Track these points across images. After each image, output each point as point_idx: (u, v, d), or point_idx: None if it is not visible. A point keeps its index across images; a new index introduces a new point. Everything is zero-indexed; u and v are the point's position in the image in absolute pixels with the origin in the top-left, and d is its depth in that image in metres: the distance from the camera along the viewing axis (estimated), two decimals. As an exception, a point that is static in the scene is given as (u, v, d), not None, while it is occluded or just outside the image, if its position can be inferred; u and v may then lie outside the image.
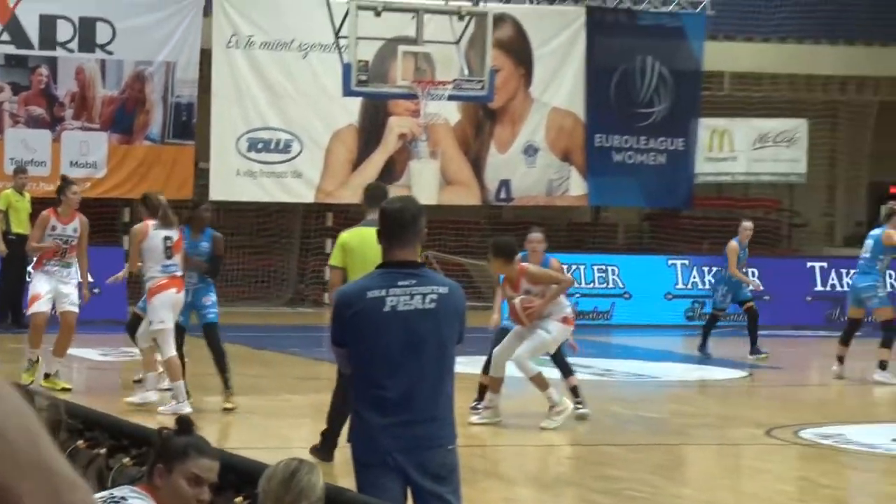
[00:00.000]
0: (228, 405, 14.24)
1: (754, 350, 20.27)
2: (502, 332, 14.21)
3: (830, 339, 19.86)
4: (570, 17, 26.54)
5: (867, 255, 18.38)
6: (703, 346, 20.47)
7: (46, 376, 15.20)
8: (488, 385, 14.08)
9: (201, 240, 14.62)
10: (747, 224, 21.04)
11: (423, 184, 25.62)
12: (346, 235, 12.17)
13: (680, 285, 25.63)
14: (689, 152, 27.09)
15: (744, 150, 27.59)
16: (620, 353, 22.08)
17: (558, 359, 14.54)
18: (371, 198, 12.19)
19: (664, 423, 14.88)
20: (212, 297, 14.53)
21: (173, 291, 13.90)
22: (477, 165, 26.26)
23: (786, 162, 27.76)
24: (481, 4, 22.52)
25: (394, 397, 6.51)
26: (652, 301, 25.31)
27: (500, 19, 24.77)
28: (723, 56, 27.87)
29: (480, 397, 14.20)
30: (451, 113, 25.44)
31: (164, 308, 13.83)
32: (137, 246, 14.23)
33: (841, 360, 18.11)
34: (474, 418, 13.83)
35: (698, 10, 26.87)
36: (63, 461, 2.31)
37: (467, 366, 17.71)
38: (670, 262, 25.90)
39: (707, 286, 25.60)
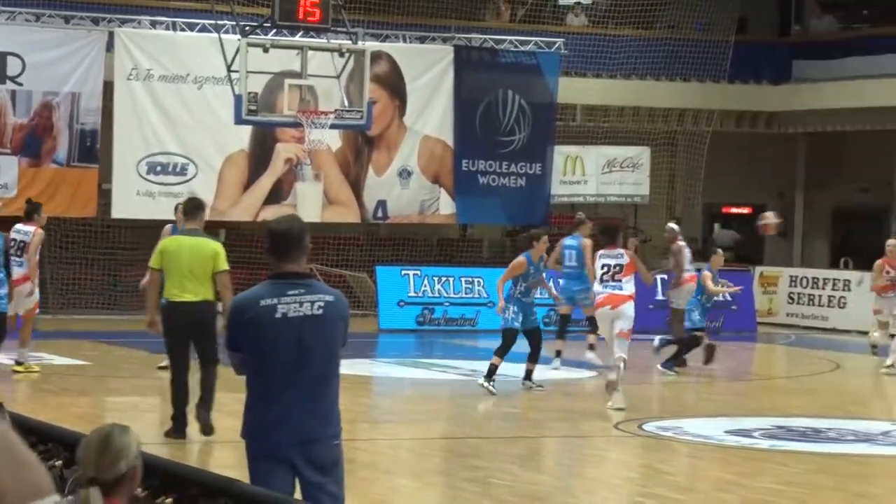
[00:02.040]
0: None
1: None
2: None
3: (669, 343, 20.07)
4: (439, 55, 26.66)
5: (575, 264, 18.84)
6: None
7: None
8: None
9: None
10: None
11: (308, 204, 25.60)
12: (165, 242, 12.76)
13: (538, 295, 25.75)
14: (545, 176, 27.30)
15: (593, 174, 27.87)
16: (485, 356, 22.09)
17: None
18: (187, 211, 12.68)
19: (524, 418, 14.98)
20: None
21: None
22: (356, 187, 26.27)
23: (630, 185, 28.08)
24: (360, 43, 22.53)
25: (284, 396, 6.53)
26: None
27: (376, 56, 24.82)
28: (575, 90, 28.14)
29: None
30: (332, 140, 25.42)
31: None
32: None
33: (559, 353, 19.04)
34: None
35: (553, 49, 27.12)
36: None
37: (349, 367, 17.76)
38: (529, 274, 26.01)
39: (562, 295, 25.75)
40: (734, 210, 33.15)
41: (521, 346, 16.91)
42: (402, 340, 21.14)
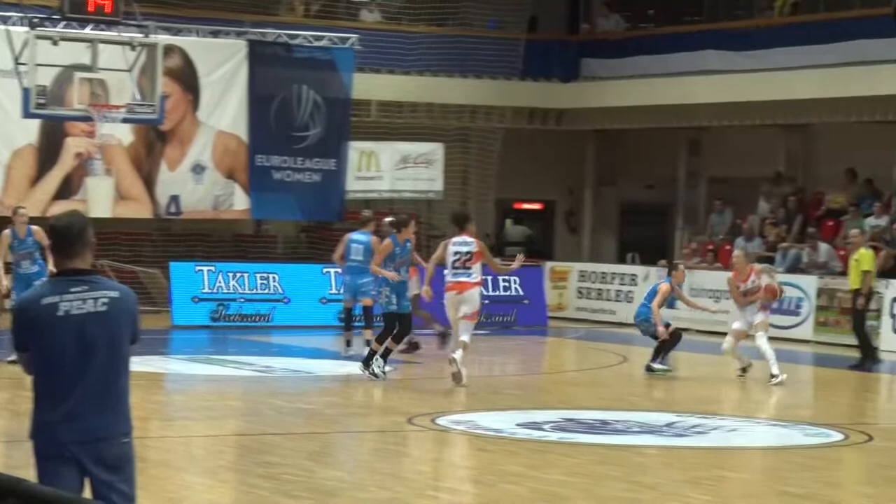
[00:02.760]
0: None
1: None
2: None
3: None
4: (233, 49, 26.48)
5: (361, 258, 19.63)
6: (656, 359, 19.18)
7: None
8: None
9: None
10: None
11: (99, 198, 25.22)
12: None
13: (333, 291, 25.80)
14: (340, 171, 27.33)
15: (388, 170, 27.99)
16: (280, 352, 22.13)
17: None
18: None
19: (318, 414, 14.99)
20: None
21: None
22: (149, 182, 25.96)
23: (425, 181, 28.27)
24: (152, 36, 22.28)
25: (70, 394, 6.45)
26: (308, 305, 25.43)
27: (169, 50, 24.56)
28: (369, 86, 28.23)
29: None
30: (124, 134, 25.09)
31: None
32: None
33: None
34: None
35: (347, 45, 27.15)
36: None
37: (141, 364, 17.55)
38: (325, 269, 26.04)
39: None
40: (526, 206, 33.61)
41: (315, 343, 16.91)
42: (195, 337, 20.97)
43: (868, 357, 20.89)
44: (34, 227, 17.98)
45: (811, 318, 23.91)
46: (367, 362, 17.26)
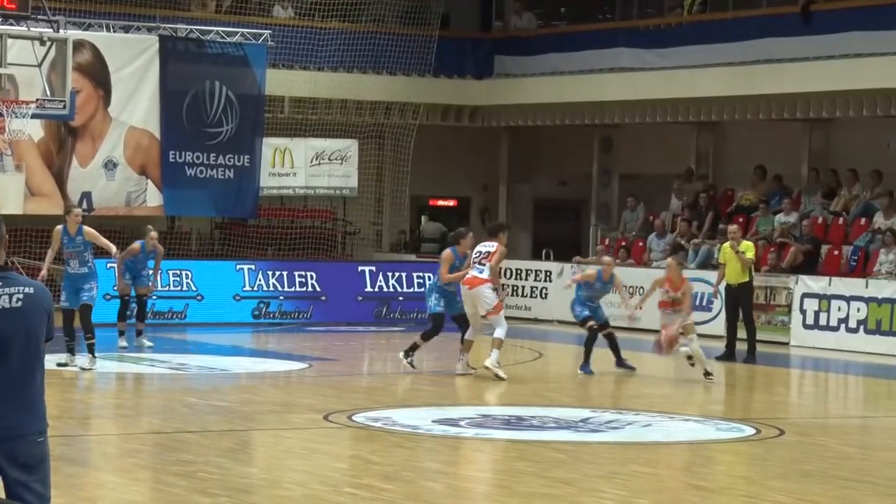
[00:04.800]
0: None
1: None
2: None
3: (378, 334, 20.29)
4: (144, 45, 26.26)
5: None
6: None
7: None
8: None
9: None
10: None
11: (9, 195, 24.91)
12: None
13: (247, 287, 25.70)
14: (254, 168, 27.18)
15: (302, 166, 27.88)
16: (194, 349, 21.99)
17: None
18: None
19: (234, 411, 14.89)
20: None
21: None
22: (60, 178, 25.69)
23: (339, 177, 28.19)
24: (62, 31, 22.02)
25: (-16, 392, 6.35)
26: (222, 302, 25.29)
27: (79, 45, 24.31)
28: (283, 82, 28.12)
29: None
30: (35, 130, 24.74)
31: None
32: None
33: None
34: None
35: (260, 41, 27.01)
36: None
37: (54, 363, 17.35)
38: (238, 266, 25.93)
39: (271, 288, 25.77)
40: (441, 202, 33.62)
41: (229, 340, 16.79)
42: (109, 334, 20.74)
43: (754, 350, 21.07)
44: (86, 228, 18.03)
45: (723, 314, 24.06)
46: (407, 352, 18.25)
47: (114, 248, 18.24)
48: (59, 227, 18.24)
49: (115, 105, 26.06)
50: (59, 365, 17.43)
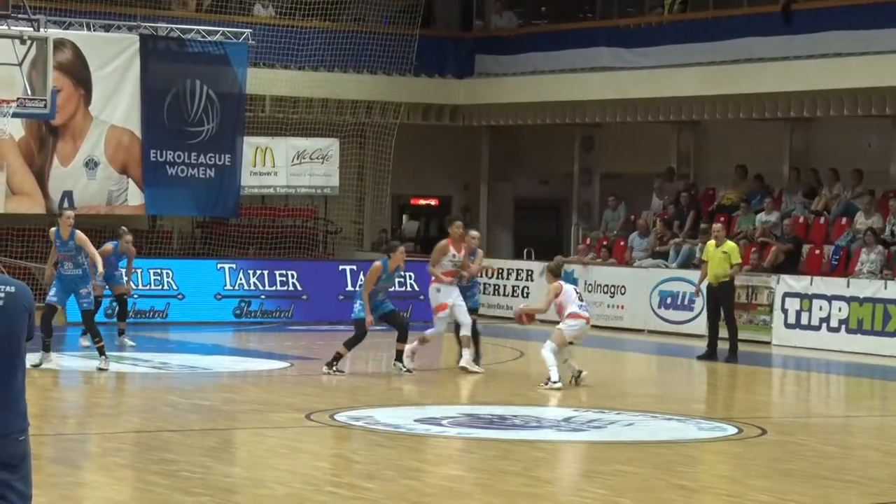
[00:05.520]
0: None
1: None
2: None
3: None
4: (125, 44, 26.21)
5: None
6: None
7: None
8: None
9: None
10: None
11: (-10, 194, 24.85)
12: None
13: (228, 286, 25.67)
14: (235, 167, 27.14)
15: (283, 165, 27.86)
16: (176, 348, 21.94)
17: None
18: None
19: (216, 410, 14.87)
20: None
21: None
22: (41, 177, 25.63)
23: (320, 176, 28.17)
24: (42, 30, 21.95)
25: (-35, 391, 6.33)
26: (203, 301, 25.25)
27: (60, 44, 24.25)
28: (263, 81, 28.09)
29: None
30: (15, 129, 24.70)
31: None
32: None
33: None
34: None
35: (241, 40, 26.97)
36: None
37: (35, 361, 17.29)
38: (220, 265, 25.91)
39: (252, 287, 25.74)
40: (422, 202, 33.63)
41: (210, 339, 16.75)
42: (75, 333, 20.71)
43: (736, 349, 21.11)
44: (78, 232, 17.98)
45: (704, 314, 24.09)
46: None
47: (100, 265, 18.11)
48: (53, 229, 18.18)
49: (96, 104, 26.00)
50: (34, 366, 17.30)
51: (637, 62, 28.07)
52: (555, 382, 16.89)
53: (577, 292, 17.63)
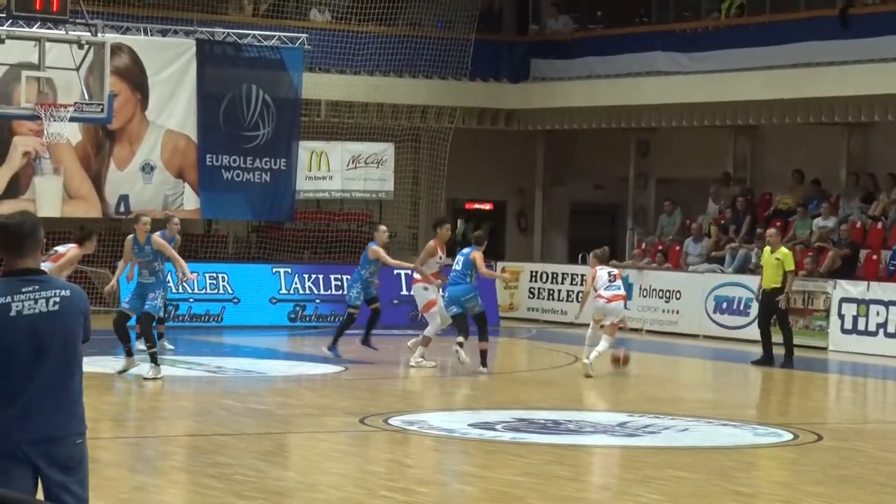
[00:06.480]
0: None
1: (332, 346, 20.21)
2: None
3: (413, 337, 20.26)
4: (181, 49, 26.36)
5: (459, 269, 19.04)
6: (333, 346, 20.09)
7: None
8: None
9: None
10: (383, 228, 21.32)
11: (47, 198, 25.05)
12: None
13: (283, 291, 25.77)
14: (290, 171, 27.25)
15: (339, 170, 27.92)
16: (231, 352, 22.06)
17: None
18: None
19: (270, 414, 14.94)
20: None
21: None
22: (97, 181, 25.82)
23: (375, 181, 28.22)
24: (99, 35, 22.13)
25: (23, 394, 6.39)
26: (258, 305, 25.36)
27: (117, 48, 24.43)
28: (319, 86, 28.17)
29: None
30: (72, 133, 24.89)
31: None
32: None
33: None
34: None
35: (297, 44, 27.08)
36: None
37: (92, 365, 17.42)
38: (275, 269, 26.01)
39: (307, 291, 25.82)
40: (477, 206, 33.63)
41: (265, 343, 16.82)
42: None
43: (791, 355, 20.97)
44: (155, 237, 17.80)
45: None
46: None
47: (188, 272, 18.02)
48: (130, 237, 17.97)
49: (153, 108, 26.18)
50: (119, 372, 17.46)
51: (693, 66, 27.96)
52: (585, 361, 18.00)
53: (610, 275, 18.14)
